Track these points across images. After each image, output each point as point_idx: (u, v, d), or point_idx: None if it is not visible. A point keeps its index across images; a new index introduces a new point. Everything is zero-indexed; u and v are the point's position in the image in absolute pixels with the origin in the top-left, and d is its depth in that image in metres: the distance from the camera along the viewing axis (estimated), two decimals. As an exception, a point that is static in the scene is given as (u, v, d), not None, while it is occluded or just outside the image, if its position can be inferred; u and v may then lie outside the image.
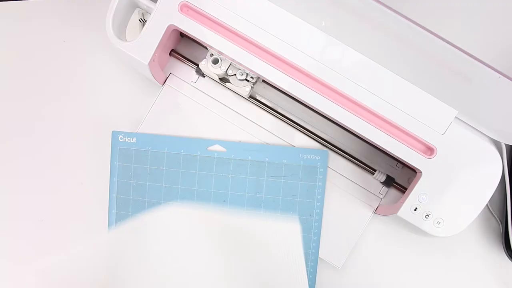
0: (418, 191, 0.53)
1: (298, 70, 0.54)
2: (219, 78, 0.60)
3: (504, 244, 0.62)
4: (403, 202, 0.54)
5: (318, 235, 0.61)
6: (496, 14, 0.67)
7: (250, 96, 0.62)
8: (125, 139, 0.63)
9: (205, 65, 0.59)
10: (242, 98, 0.63)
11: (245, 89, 0.59)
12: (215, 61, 0.58)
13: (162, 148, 0.62)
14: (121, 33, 0.60)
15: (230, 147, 0.62)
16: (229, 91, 0.63)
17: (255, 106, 0.63)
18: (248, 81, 0.59)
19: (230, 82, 0.59)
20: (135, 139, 0.62)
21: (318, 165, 0.61)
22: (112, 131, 0.63)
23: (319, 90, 0.54)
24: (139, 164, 0.62)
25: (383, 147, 0.54)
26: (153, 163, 0.62)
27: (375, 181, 0.61)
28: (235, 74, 0.59)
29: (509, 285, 0.64)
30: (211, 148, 0.62)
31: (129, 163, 0.62)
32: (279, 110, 0.63)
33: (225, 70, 0.58)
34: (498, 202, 0.64)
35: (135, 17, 0.61)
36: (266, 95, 0.64)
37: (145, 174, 0.62)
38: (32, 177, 0.66)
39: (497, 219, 0.64)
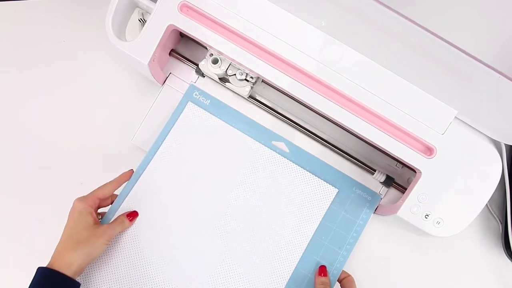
0: (417, 191, 0.53)
1: (297, 70, 0.54)
2: (219, 78, 0.60)
3: (503, 244, 0.62)
4: (402, 202, 0.54)
5: (339, 270, 0.58)
6: (496, 15, 0.67)
7: (250, 96, 0.62)
8: (199, 97, 0.61)
9: (205, 65, 0.59)
10: (242, 98, 0.63)
11: (245, 89, 0.59)
12: (215, 61, 0.58)
13: (231, 122, 0.61)
14: (121, 33, 0.60)
15: (295, 151, 0.61)
16: (229, 91, 0.63)
17: (254, 106, 0.63)
18: (248, 81, 0.59)
19: (230, 82, 0.59)
20: (209, 101, 0.61)
21: (367, 205, 0.60)
22: (191, 84, 0.62)
23: (319, 90, 0.54)
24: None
25: (383, 147, 0.54)
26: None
27: (374, 181, 0.61)
28: (234, 74, 0.59)
29: (508, 285, 0.64)
30: (276, 143, 0.61)
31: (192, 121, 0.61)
32: (279, 110, 0.63)
33: (225, 70, 0.58)
34: (498, 202, 0.64)
35: (135, 17, 0.61)
36: (266, 95, 0.64)
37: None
38: (32, 177, 0.67)
39: (497, 219, 0.64)
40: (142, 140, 0.63)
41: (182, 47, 0.65)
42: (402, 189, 0.60)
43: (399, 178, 0.62)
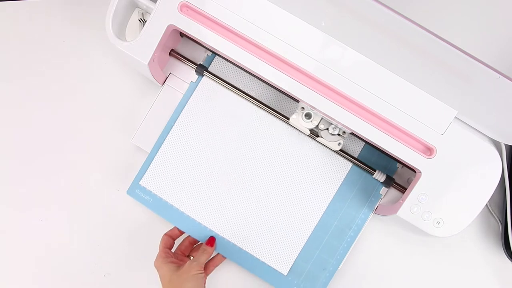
0: (417, 191, 0.53)
1: (297, 70, 0.54)
2: (310, 131, 0.59)
3: (503, 244, 0.62)
4: (402, 202, 0.54)
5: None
6: (496, 15, 0.67)
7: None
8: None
9: (296, 118, 0.58)
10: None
11: (336, 144, 0.58)
12: (308, 116, 0.57)
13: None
14: (121, 33, 0.60)
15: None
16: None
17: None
18: (339, 135, 0.58)
19: (321, 136, 0.58)
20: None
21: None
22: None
23: (319, 90, 0.54)
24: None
25: (383, 147, 0.54)
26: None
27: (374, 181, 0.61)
28: (327, 129, 0.58)
29: (508, 285, 0.64)
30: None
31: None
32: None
33: (317, 124, 0.57)
34: (498, 202, 0.64)
35: (135, 17, 0.61)
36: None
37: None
38: (32, 177, 0.67)
39: (497, 219, 0.64)
40: (142, 140, 0.63)
41: (182, 47, 0.64)
42: (402, 189, 0.60)
43: (399, 178, 0.62)
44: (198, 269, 0.56)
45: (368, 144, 0.61)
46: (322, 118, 0.57)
